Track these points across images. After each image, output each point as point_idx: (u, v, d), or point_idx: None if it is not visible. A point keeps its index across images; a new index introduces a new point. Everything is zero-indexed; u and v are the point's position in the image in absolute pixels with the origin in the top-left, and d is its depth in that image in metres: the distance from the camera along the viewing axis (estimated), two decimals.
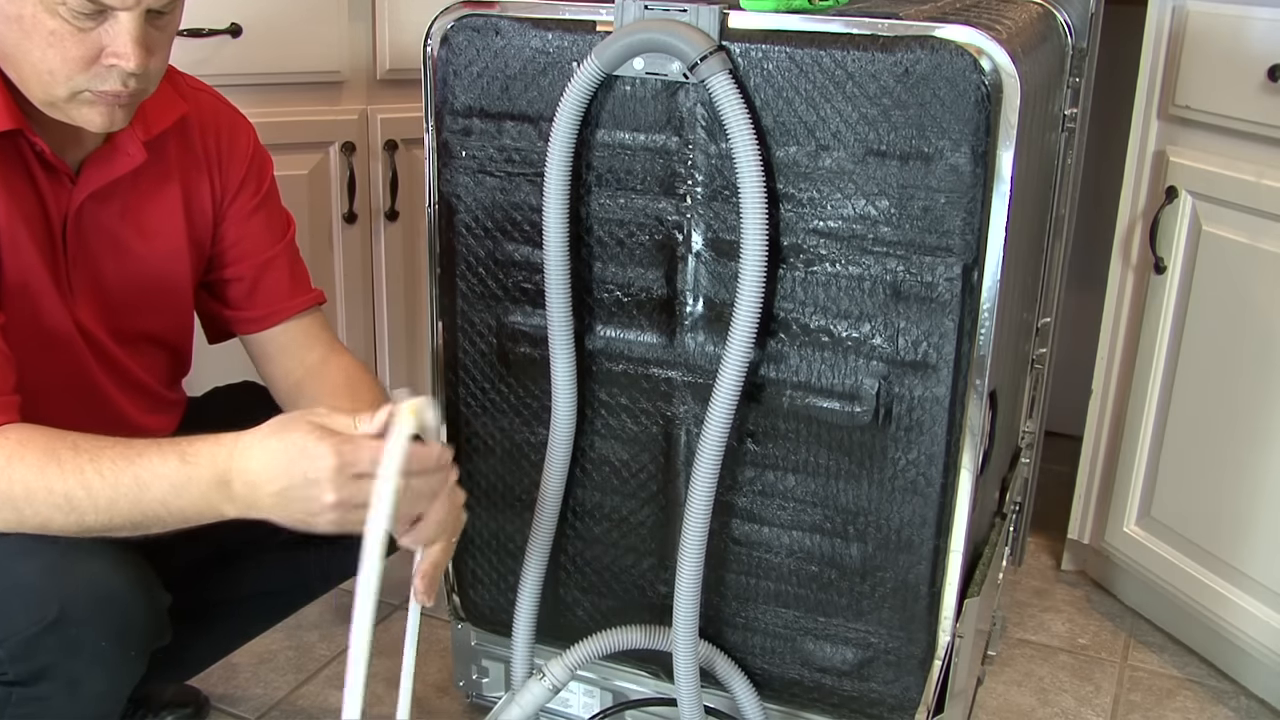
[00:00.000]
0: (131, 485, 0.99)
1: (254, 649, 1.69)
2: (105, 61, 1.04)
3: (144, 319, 1.24)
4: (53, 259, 1.14)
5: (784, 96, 1.13)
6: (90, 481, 0.99)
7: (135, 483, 0.99)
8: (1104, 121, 1.92)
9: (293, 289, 1.32)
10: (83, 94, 1.05)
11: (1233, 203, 1.59)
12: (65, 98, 1.05)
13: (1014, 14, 1.22)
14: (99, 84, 1.05)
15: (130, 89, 1.06)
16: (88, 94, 1.05)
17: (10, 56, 1.05)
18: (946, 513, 1.20)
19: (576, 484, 1.33)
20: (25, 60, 1.04)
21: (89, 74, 1.04)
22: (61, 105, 1.06)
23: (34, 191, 1.11)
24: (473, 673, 1.49)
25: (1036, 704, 1.67)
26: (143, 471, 1.00)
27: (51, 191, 1.12)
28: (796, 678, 1.32)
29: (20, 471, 0.99)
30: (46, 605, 1.01)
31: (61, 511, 0.99)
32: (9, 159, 1.08)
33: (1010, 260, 1.16)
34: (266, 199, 1.31)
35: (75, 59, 1.03)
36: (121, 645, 1.05)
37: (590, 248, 1.26)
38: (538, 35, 1.21)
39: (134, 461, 1.00)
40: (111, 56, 1.04)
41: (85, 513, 1.00)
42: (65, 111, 1.07)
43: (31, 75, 1.05)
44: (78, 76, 1.04)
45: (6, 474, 0.99)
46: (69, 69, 1.03)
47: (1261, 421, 1.59)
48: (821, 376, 1.20)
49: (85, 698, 1.06)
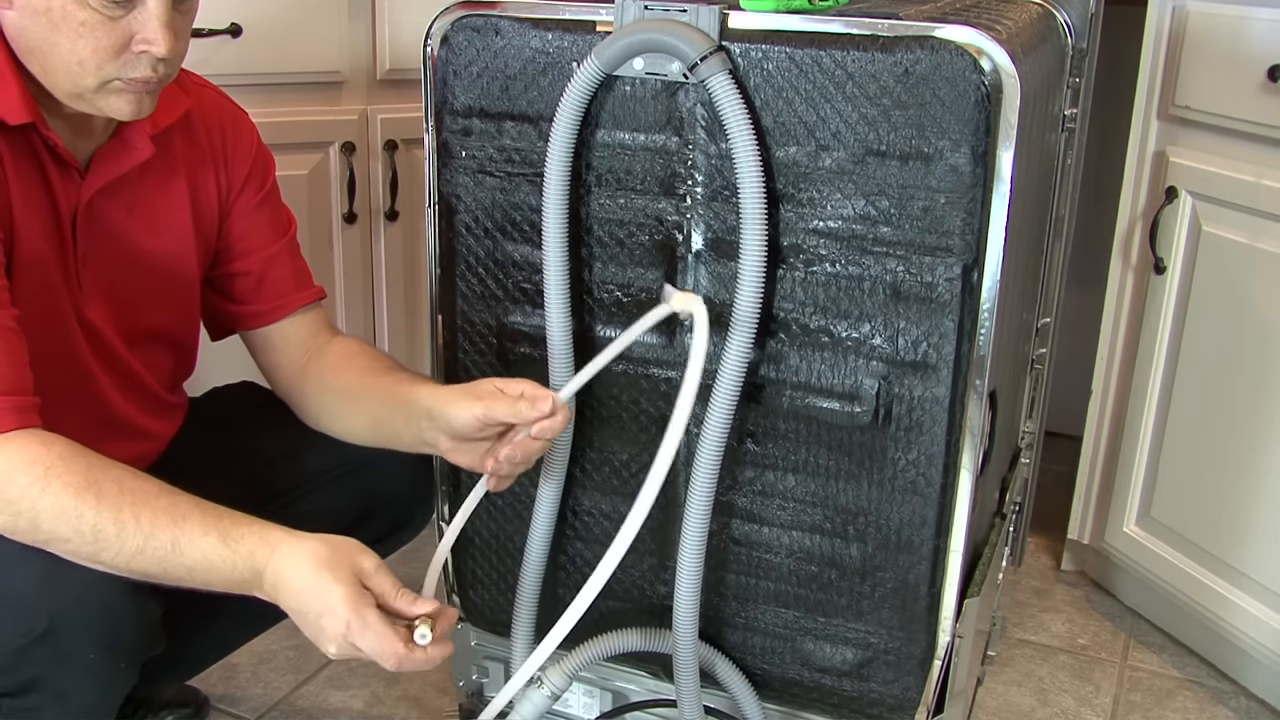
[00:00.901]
0: (166, 544, 1.01)
1: (254, 649, 1.69)
2: (135, 49, 1.05)
3: (152, 315, 1.24)
4: (62, 254, 1.14)
5: (784, 97, 1.13)
6: (125, 523, 1.00)
7: (171, 544, 1.01)
8: (1104, 121, 1.92)
9: (297, 283, 1.33)
10: (112, 83, 1.06)
11: (1233, 203, 1.59)
12: (94, 88, 1.06)
13: (1014, 14, 1.22)
14: (129, 71, 1.06)
15: (159, 75, 1.07)
16: (117, 82, 1.06)
17: (37, 50, 1.05)
18: (946, 513, 1.20)
19: (576, 484, 1.33)
20: (53, 53, 1.04)
21: (119, 62, 1.05)
22: (89, 96, 1.07)
23: (44, 185, 1.11)
24: (473, 673, 1.49)
25: (1036, 704, 1.67)
26: (181, 537, 1.01)
27: (62, 185, 1.12)
28: (796, 678, 1.32)
29: (56, 488, 0.99)
30: (36, 617, 1.01)
31: (84, 541, 1.00)
32: (21, 153, 1.08)
33: (1010, 260, 1.15)
34: (270, 195, 1.32)
35: (106, 48, 1.04)
36: (112, 657, 1.05)
37: (590, 248, 1.25)
38: (538, 35, 1.21)
39: (176, 523, 1.01)
40: (142, 43, 1.05)
41: (105, 549, 1.00)
42: (93, 102, 1.07)
43: (60, 67, 1.05)
44: (108, 66, 1.05)
45: (41, 485, 0.99)
46: (99, 58, 1.04)
47: (1261, 421, 1.59)
48: (821, 376, 1.20)
49: (75, 709, 1.06)
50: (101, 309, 1.18)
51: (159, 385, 1.29)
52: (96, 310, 1.17)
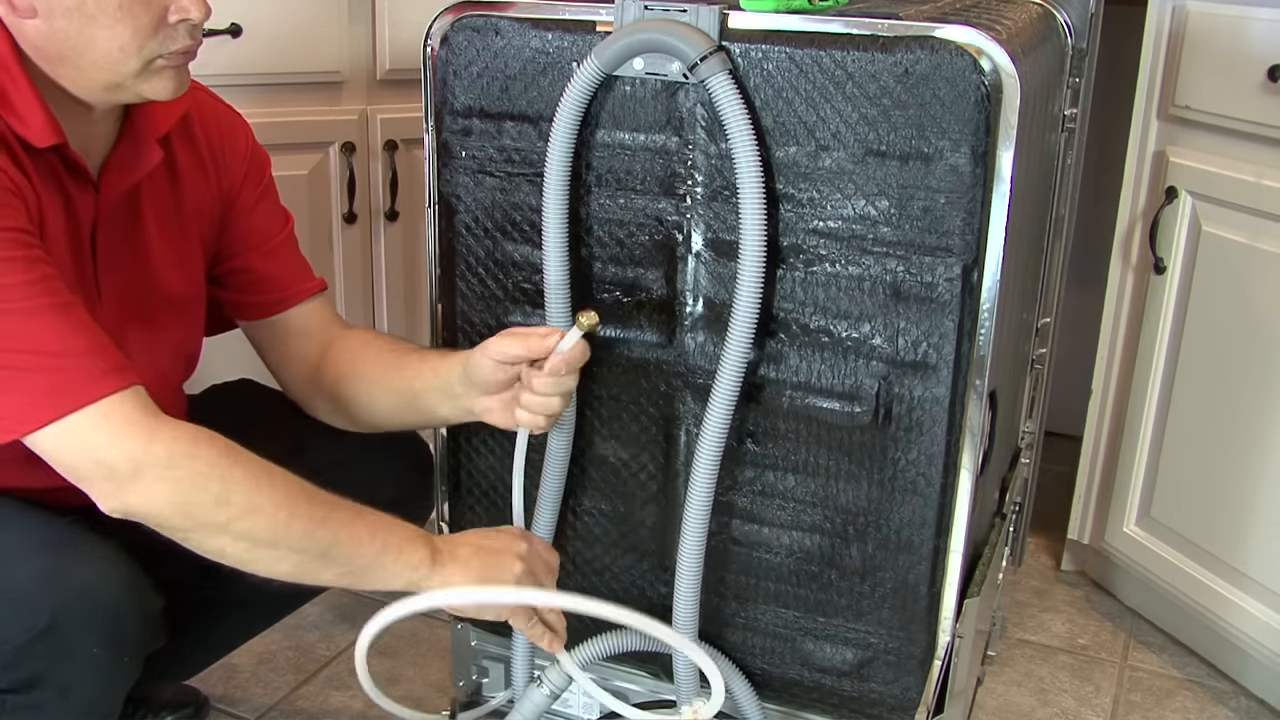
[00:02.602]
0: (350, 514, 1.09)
1: (254, 649, 1.69)
2: (173, 19, 1.06)
3: (165, 323, 1.24)
4: (81, 268, 1.13)
5: (784, 97, 1.13)
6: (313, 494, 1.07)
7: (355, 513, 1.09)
8: (1104, 121, 1.92)
9: (301, 274, 1.33)
10: (155, 61, 1.07)
11: (1233, 203, 1.59)
12: (137, 71, 1.06)
13: (1014, 14, 1.22)
14: (170, 45, 1.06)
15: (196, 42, 1.09)
16: (160, 60, 1.07)
17: (70, 52, 1.04)
18: (946, 513, 1.20)
19: (576, 484, 1.33)
20: (90, 47, 1.04)
21: (159, 38, 1.05)
22: (130, 83, 1.07)
23: (65, 201, 1.10)
24: (472, 673, 1.49)
25: (1036, 704, 1.67)
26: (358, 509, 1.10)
27: (80, 199, 1.12)
28: (796, 678, 1.32)
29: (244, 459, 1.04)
30: (38, 612, 1.01)
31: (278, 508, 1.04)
32: (44, 171, 1.08)
33: (1010, 260, 1.16)
34: (266, 191, 1.32)
35: (146, 25, 1.04)
36: (115, 651, 1.05)
37: (590, 248, 1.26)
38: (537, 35, 1.21)
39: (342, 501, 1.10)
40: (178, 12, 1.05)
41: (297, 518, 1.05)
42: (134, 88, 1.07)
43: (100, 60, 1.05)
44: (150, 43, 1.05)
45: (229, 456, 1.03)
46: (141, 37, 1.04)
47: (1261, 422, 1.59)
48: (821, 377, 1.20)
49: (79, 704, 1.06)
50: (119, 319, 1.18)
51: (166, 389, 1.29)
52: (114, 321, 1.17)
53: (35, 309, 0.99)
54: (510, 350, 1.19)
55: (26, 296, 0.99)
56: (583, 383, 1.28)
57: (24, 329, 0.98)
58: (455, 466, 1.40)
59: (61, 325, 1.00)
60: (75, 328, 1.01)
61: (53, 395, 0.98)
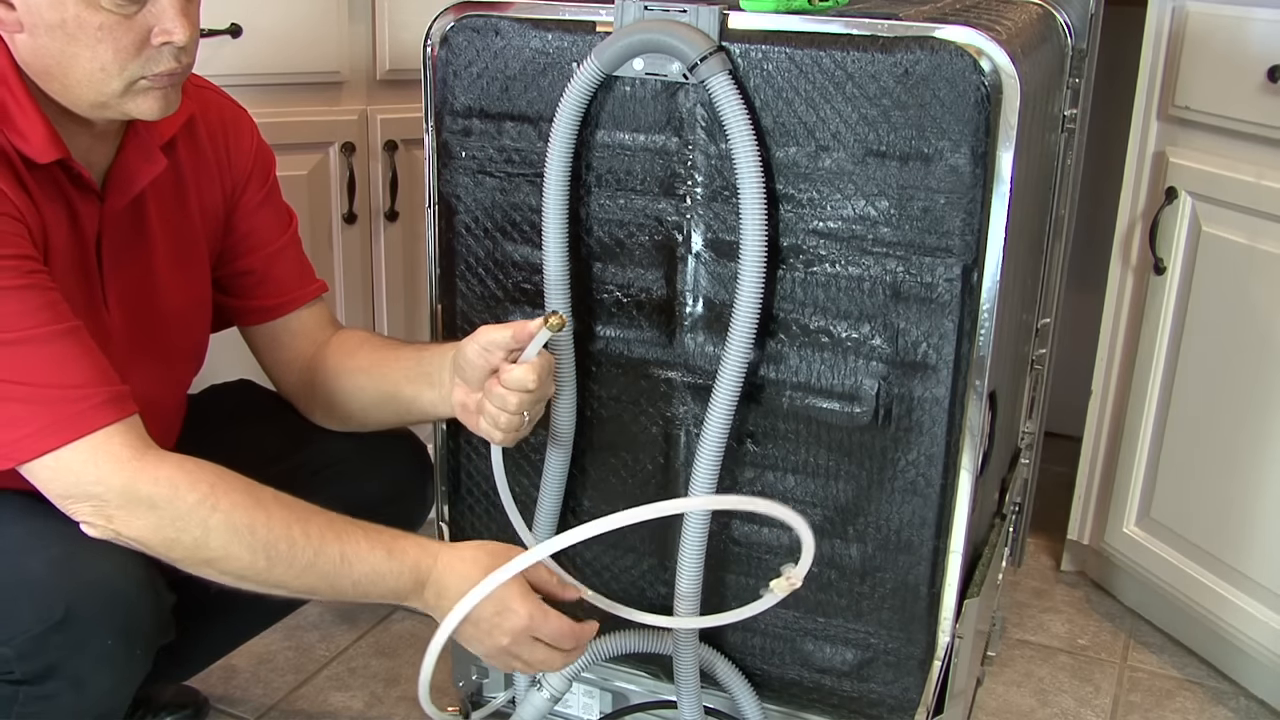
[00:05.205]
0: (335, 558, 1.06)
1: (254, 649, 1.69)
2: (155, 41, 1.05)
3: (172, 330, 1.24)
4: (88, 279, 1.13)
5: (784, 97, 1.13)
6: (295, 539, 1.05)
7: (340, 557, 1.06)
8: (1104, 121, 1.92)
9: (302, 278, 1.34)
10: (138, 83, 1.06)
11: (1233, 203, 1.59)
12: (120, 91, 1.05)
13: (1014, 14, 1.22)
14: (153, 67, 1.05)
15: (182, 65, 1.07)
16: (143, 81, 1.06)
17: (56, 67, 1.04)
18: (946, 513, 1.20)
19: (576, 484, 1.33)
20: (74, 65, 1.03)
21: (141, 59, 1.04)
22: (114, 102, 1.06)
23: (69, 213, 1.10)
24: (472, 673, 1.49)
25: (1036, 705, 1.67)
26: (348, 550, 1.07)
27: (84, 210, 1.11)
28: (796, 678, 1.32)
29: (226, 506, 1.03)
30: (53, 604, 1.01)
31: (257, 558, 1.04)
32: (46, 185, 1.07)
33: (1010, 261, 1.16)
34: (271, 192, 1.32)
35: (127, 47, 1.03)
36: (127, 643, 1.06)
37: (590, 248, 1.26)
38: (537, 36, 1.21)
39: (341, 538, 1.07)
40: (161, 35, 1.04)
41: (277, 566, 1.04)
42: (119, 107, 1.07)
43: (83, 79, 1.04)
44: (131, 65, 1.04)
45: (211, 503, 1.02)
46: (122, 59, 1.04)
47: (1261, 421, 1.59)
48: (821, 377, 1.20)
49: (91, 696, 1.06)
50: (127, 327, 1.18)
51: (169, 396, 1.29)
52: (122, 329, 1.17)
53: (33, 339, 1.00)
54: (495, 336, 1.17)
55: (26, 327, 1.00)
56: (583, 383, 1.28)
57: (21, 359, 1.00)
58: (454, 467, 1.40)
59: (60, 355, 1.01)
60: (73, 356, 1.02)
61: (45, 428, 1.00)
